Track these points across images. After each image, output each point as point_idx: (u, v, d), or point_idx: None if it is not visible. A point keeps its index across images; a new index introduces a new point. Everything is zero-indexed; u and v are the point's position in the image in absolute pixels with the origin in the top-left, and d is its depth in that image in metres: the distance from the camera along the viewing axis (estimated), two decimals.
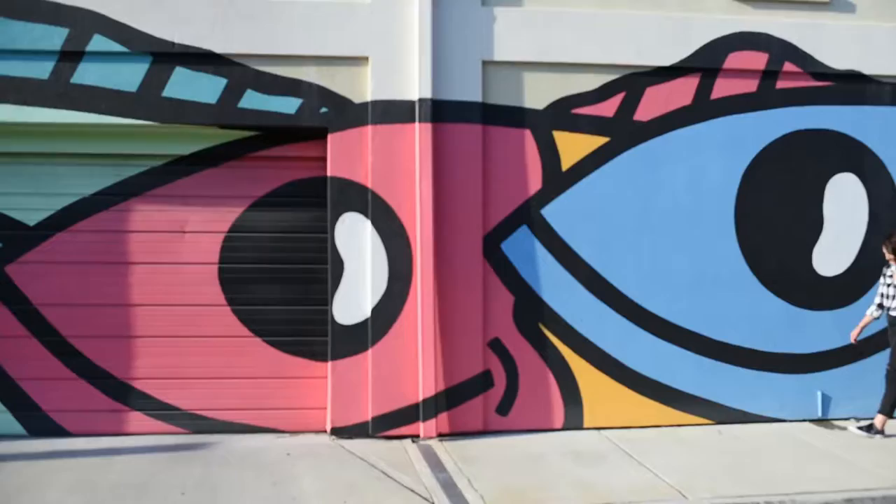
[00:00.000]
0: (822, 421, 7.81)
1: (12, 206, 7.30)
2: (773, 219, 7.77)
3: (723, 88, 7.67)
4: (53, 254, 7.33)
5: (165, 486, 5.98)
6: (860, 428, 7.34)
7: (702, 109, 7.66)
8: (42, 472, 6.29)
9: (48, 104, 7.05)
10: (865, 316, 7.43)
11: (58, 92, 7.05)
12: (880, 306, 7.35)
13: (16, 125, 7.08)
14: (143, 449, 6.93)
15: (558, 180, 7.49)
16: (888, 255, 7.24)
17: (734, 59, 7.65)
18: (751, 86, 7.71)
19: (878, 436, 7.22)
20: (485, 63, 7.39)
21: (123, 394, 7.36)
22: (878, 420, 7.27)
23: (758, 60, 7.67)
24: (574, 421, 7.48)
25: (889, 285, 7.28)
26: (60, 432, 7.27)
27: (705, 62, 7.63)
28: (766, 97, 7.72)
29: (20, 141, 7.25)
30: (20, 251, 7.31)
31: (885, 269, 7.35)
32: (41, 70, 7.05)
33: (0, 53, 6.98)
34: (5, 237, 7.30)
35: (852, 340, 7.47)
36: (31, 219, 7.33)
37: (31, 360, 7.28)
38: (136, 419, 7.36)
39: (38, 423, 7.29)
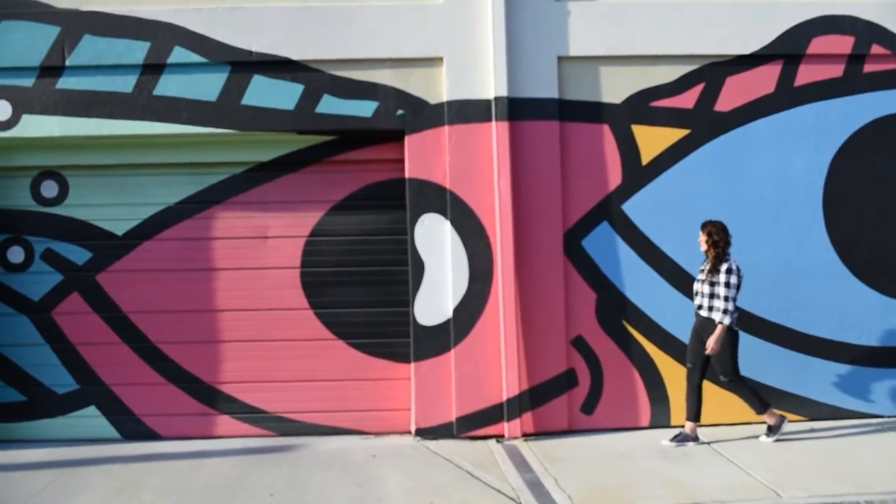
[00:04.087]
0: None
1: (101, 216, 7.51)
2: (863, 207, 7.51)
3: (807, 75, 7.45)
4: (141, 262, 7.51)
5: (254, 488, 6.06)
6: (673, 438, 6.83)
7: (785, 97, 7.45)
8: (136, 475, 6.45)
9: (133, 116, 7.23)
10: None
11: (141, 104, 7.23)
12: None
13: (103, 138, 7.28)
14: (231, 451, 7.05)
15: (638, 175, 7.38)
16: (703, 246, 6.79)
17: (818, 44, 7.41)
18: (836, 71, 7.46)
19: (783, 425, 6.83)
20: (560, 59, 7.31)
21: (211, 397, 7.50)
22: (768, 417, 6.84)
23: (843, 44, 7.43)
24: (661, 419, 7.34)
25: (701, 281, 6.82)
26: (152, 436, 7.45)
27: (787, 48, 7.41)
28: (852, 82, 7.47)
29: (107, 153, 7.45)
30: (110, 260, 7.51)
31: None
32: (125, 84, 7.24)
33: (87, 69, 7.20)
34: (95, 247, 7.51)
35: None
36: (119, 229, 7.52)
37: (123, 365, 7.47)
38: (224, 422, 7.49)
39: (131, 427, 7.47)
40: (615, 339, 7.31)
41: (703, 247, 6.76)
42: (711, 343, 6.64)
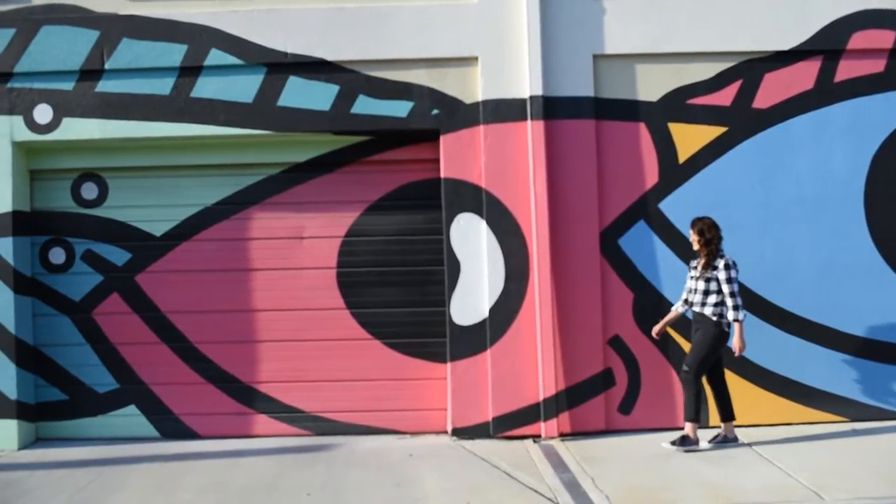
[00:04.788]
0: None
1: (140, 217, 7.60)
2: None
3: (847, 70, 7.34)
4: (179, 263, 7.59)
5: (291, 487, 6.09)
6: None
7: (825, 93, 7.34)
8: (174, 473, 6.51)
9: (170, 118, 7.30)
10: (671, 311, 6.93)
11: (179, 106, 7.30)
12: (686, 301, 6.81)
13: (141, 140, 7.37)
14: (269, 451, 7.09)
15: (675, 173, 7.32)
16: (696, 245, 6.69)
17: (858, 39, 7.30)
18: (878, 66, 7.34)
19: (694, 446, 6.64)
20: (596, 57, 7.27)
21: (248, 397, 7.55)
22: (690, 428, 6.68)
23: (884, 39, 7.30)
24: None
25: (694, 278, 6.72)
26: (190, 435, 7.52)
27: (827, 44, 7.30)
28: (894, 77, 7.34)
29: (145, 155, 7.54)
30: (148, 261, 7.60)
31: (691, 262, 6.87)
32: (163, 86, 7.31)
33: (125, 72, 7.30)
34: (134, 248, 7.60)
35: (654, 335, 6.94)
36: (158, 230, 7.60)
37: (161, 365, 7.55)
38: (261, 421, 7.53)
39: (170, 426, 7.55)
40: (652, 338, 7.23)
41: (696, 246, 6.68)
42: (737, 343, 6.55)
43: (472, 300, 7.23)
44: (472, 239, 7.24)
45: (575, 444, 6.92)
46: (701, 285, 6.63)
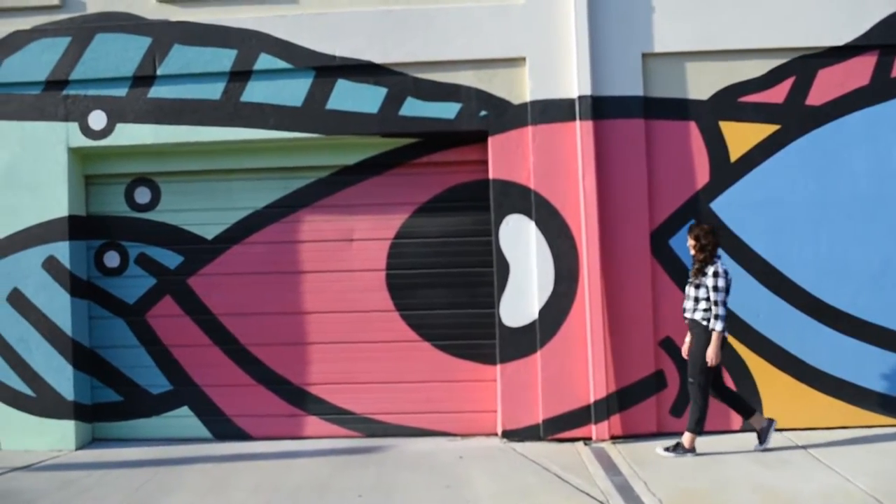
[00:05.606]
0: None
1: (192, 221, 7.70)
2: None
3: None
4: (230, 265, 7.67)
5: (342, 488, 6.11)
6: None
7: (881, 89, 7.19)
8: (227, 474, 6.58)
9: (221, 123, 7.39)
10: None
11: (229, 111, 7.38)
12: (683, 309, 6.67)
13: (193, 144, 7.46)
14: (320, 452, 7.13)
15: (727, 172, 7.22)
16: (692, 251, 6.55)
17: None
18: None
19: (689, 454, 6.54)
20: (644, 55, 7.21)
21: (299, 399, 7.61)
22: (689, 439, 6.57)
23: None
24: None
25: (688, 284, 6.58)
26: (242, 436, 7.60)
27: (883, 38, 7.15)
28: None
29: (197, 159, 7.63)
30: (200, 264, 7.69)
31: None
32: (213, 91, 7.40)
33: (177, 77, 7.40)
34: (187, 251, 7.70)
35: (685, 356, 6.65)
36: (209, 233, 7.69)
37: (214, 367, 7.65)
38: (312, 423, 7.59)
39: (222, 427, 7.64)
40: None
41: (692, 251, 6.57)
42: (710, 354, 6.39)
43: (521, 302, 7.20)
44: (521, 240, 7.21)
45: (626, 447, 6.86)
46: (692, 291, 6.54)
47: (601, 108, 7.12)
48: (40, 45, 7.48)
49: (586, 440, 7.07)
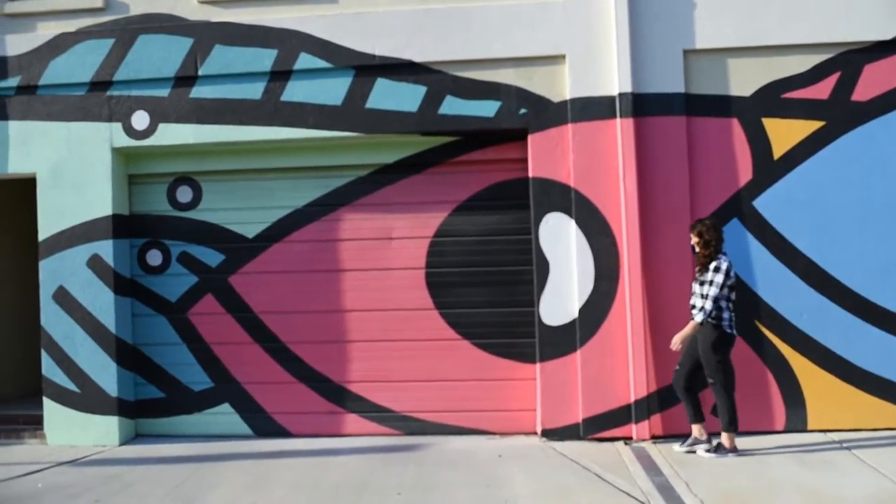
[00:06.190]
0: None
1: (233, 220, 7.78)
2: None
3: None
4: (271, 264, 7.73)
5: (382, 486, 6.11)
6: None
7: None
8: (267, 471, 6.62)
9: (262, 122, 7.44)
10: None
11: (270, 110, 7.44)
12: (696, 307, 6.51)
13: (234, 144, 7.53)
14: (359, 450, 7.15)
15: (770, 169, 7.12)
16: (696, 248, 6.45)
17: None
18: None
19: (731, 454, 6.44)
20: (686, 52, 7.13)
21: (339, 396, 7.64)
22: (727, 438, 6.47)
23: None
24: (796, 423, 7.07)
25: (695, 281, 6.48)
26: (282, 433, 7.65)
27: None
28: None
29: (237, 158, 7.70)
30: (241, 262, 7.77)
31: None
32: (254, 91, 7.46)
33: (218, 78, 7.48)
34: (228, 250, 7.78)
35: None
36: (250, 232, 7.76)
37: (255, 364, 7.71)
38: (352, 421, 7.62)
39: (263, 425, 7.70)
40: (747, 339, 7.05)
41: (696, 248, 6.49)
42: (676, 337, 6.40)
43: (561, 300, 7.17)
44: (561, 238, 7.18)
45: (667, 447, 6.79)
46: (698, 288, 6.46)
47: (642, 105, 7.06)
48: (85, 46, 7.60)
49: (626, 440, 7.02)
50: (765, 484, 5.84)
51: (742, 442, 6.62)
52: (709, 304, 6.32)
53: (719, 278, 6.31)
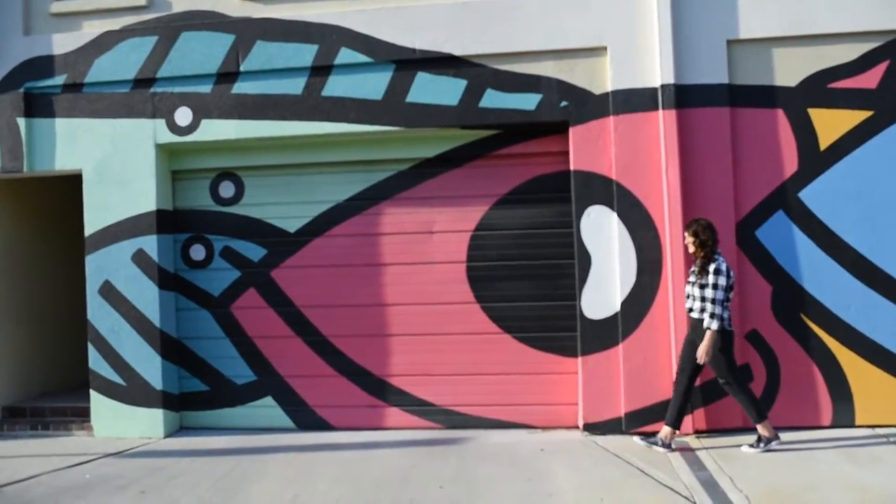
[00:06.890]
0: None
1: (274, 215, 7.82)
2: None
3: None
4: (312, 258, 7.77)
5: (424, 479, 6.13)
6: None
7: None
8: (310, 464, 6.66)
9: (303, 117, 7.48)
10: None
11: (311, 105, 7.47)
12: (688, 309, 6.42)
13: (275, 139, 7.57)
14: (401, 443, 7.17)
15: (816, 160, 7.01)
16: (691, 248, 6.37)
17: None
18: None
19: (773, 442, 6.36)
20: (729, 42, 7.04)
21: (380, 390, 7.66)
22: (762, 428, 6.37)
23: None
24: (844, 418, 6.96)
25: (692, 283, 6.38)
26: (324, 426, 7.70)
27: None
28: None
29: (279, 153, 7.74)
30: (283, 257, 7.81)
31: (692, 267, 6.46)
32: (295, 86, 7.50)
33: (260, 73, 7.52)
34: (270, 244, 7.82)
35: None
36: (292, 226, 7.80)
37: (297, 358, 7.76)
38: (393, 414, 7.64)
39: (305, 418, 7.75)
40: (792, 333, 6.97)
41: (691, 248, 6.40)
42: (702, 352, 6.28)
43: (603, 294, 7.13)
44: (602, 232, 7.13)
45: (711, 442, 6.73)
46: (697, 291, 6.38)
47: (684, 96, 6.99)
48: (129, 44, 7.70)
49: None
50: (811, 479, 5.77)
51: (788, 437, 6.56)
52: (718, 309, 6.26)
53: (721, 280, 6.26)
